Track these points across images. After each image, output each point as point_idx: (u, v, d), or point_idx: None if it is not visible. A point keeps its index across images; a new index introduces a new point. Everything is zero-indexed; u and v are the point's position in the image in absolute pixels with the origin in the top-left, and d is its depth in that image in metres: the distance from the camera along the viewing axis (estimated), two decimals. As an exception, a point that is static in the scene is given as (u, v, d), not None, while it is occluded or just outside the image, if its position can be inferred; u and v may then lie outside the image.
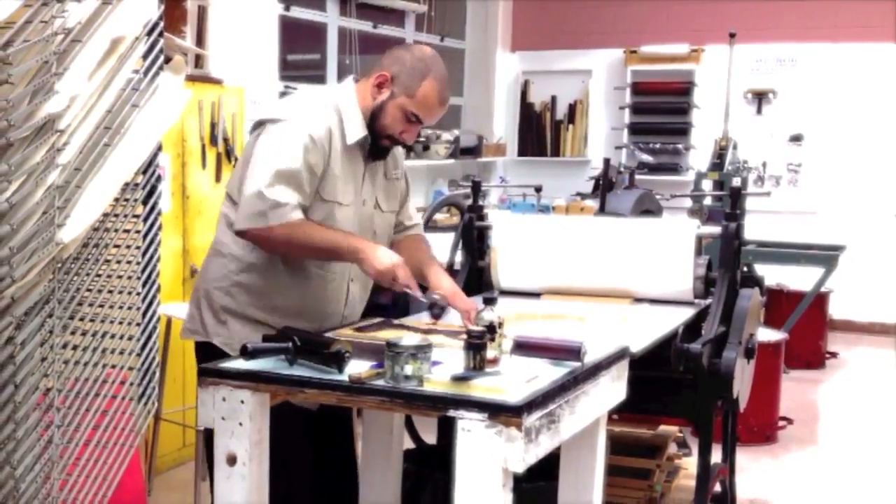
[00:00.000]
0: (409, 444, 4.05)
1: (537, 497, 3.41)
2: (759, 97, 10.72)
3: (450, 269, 4.34)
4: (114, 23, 2.74)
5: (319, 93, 3.63)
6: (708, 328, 3.92)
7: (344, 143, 3.42)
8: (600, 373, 3.00)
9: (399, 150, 3.71)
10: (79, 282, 2.80)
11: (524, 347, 2.93)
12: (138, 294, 3.01)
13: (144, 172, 3.01)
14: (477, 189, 4.64)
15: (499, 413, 2.52)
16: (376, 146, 3.49)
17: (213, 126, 6.00)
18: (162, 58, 3.00)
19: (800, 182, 10.68)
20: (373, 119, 3.44)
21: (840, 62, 10.35)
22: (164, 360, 5.23)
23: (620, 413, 3.81)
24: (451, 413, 2.57)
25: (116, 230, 2.94)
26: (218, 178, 6.04)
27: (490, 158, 10.99)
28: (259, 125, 3.44)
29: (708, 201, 8.04)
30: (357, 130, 3.43)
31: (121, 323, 2.97)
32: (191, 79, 5.70)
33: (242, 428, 2.83)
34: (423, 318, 3.53)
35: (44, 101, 2.51)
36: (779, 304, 8.72)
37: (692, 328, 3.94)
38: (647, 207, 6.15)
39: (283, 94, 8.12)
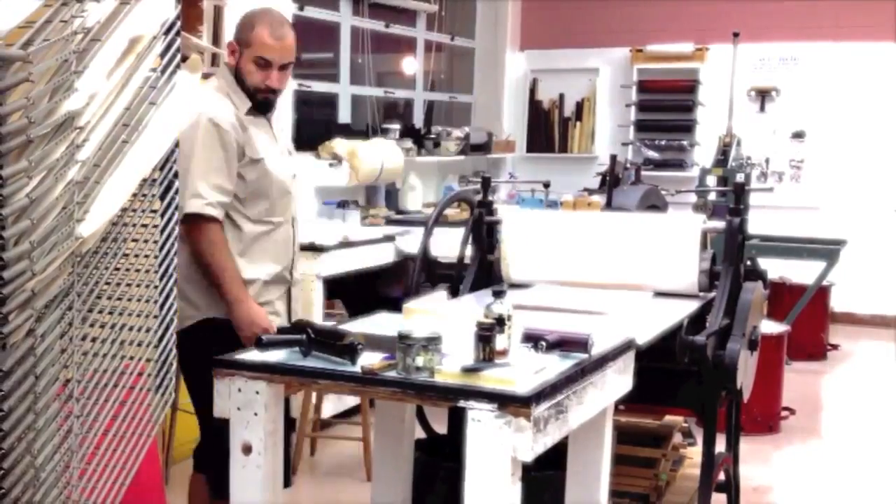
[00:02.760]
0: (419, 433, 4.05)
1: (545, 486, 3.40)
2: (763, 95, 10.69)
3: (460, 263, 4.36)
4: (132, 22, 2.73)
5: (212, 80, 3.91)
6: (712, 321, 3.91)
7: (244, 113, 3.78)
8: (607, 364, 2.99)
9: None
10: (97, 275, 2.80)
11: (533, 339, 2.92)
12: (155, 287, 3.01)
13: (162, 168, 3.01)
14: (486, 185, 4.63)
15: (508, 403, 2.51)
16: (254, 101, 3.80)
17: (228, 123, 5.98)
18: (179, 56, 3.00)
19: (802, 178, 10.66)
20: (240, 83, 3.79)
21: (841, 61, 10.32)
22: (182, 352, 5.23)
23: (627, 403, 3.80)
24: (462, 404, 2.56)
25: (134, 225, 2.94)
26: (234, 174, 6.03)
27: (499, 155, 10.98)
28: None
29: (712, 197, 8.02)
30: (246, 102, 3.79)
31: (138, 315, 2.97)
32: (207, 77, 5.68)
33: (257, 418, 2.83)
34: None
35: (63, 99, 2.51)
36: (781, 297, 8.70)
37: (697, 321, 3.94)
38: (653, 203, 6.12)
39: (297, 92, 8.12)
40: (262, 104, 3.83)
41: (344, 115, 8.91)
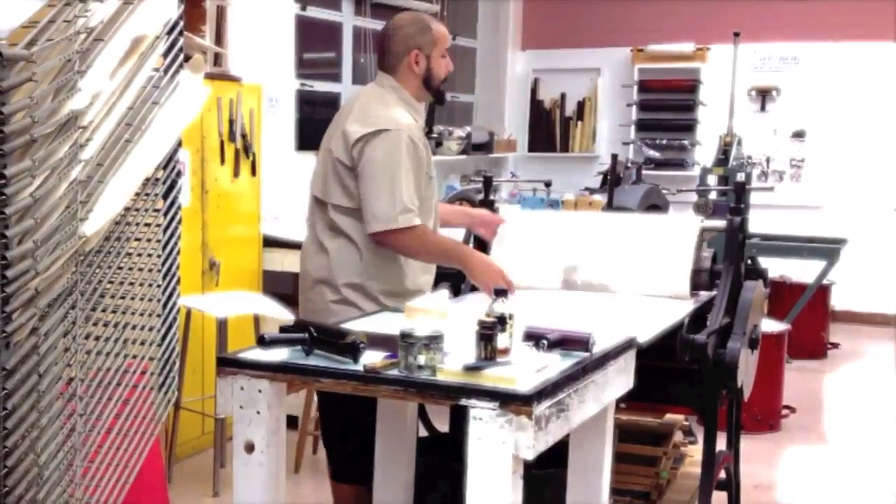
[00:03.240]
0: (421, 431, 4.05)
1: (547, 483, 3.40)
2: (763, 94, 10.69)
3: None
4: (135, 22, 2.73)
5: (388, 96, 3.88)
6: (713, 319, 3.91)
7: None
8: (608, 363, 2.99)
9: None
10: (101, 274, 2.80)
11: (534, 337, 2.92)
12: (159, 286, 3.01)
13: (165, 168, 3.01)
14: (488, 184, 4.63)
15: (509, 402, 2.51)
16: (440, 95, 3.98)
17: (231, 122, 5.99)
18: (182, 56, 3.00)
19: (802, 177, 10.65)
20: (428, 84, 3.89)
21: (841, 61, 10.31)
22: (184, 351, 5.24)
23: (628, 402, 3.80)
24: (464, 402, 2.56)
25: (137, 224, 2.94)
26: (236, 174, 6.04)
27: (501, 154, 10.98)
28: (372, 134, 3.70)
29: (713, 196, 8.02)
30: (422, 115, 3.96)
31: (142, 314, 2.97)
32: (210, 77, 5.69)
33: (260, 416, 2.82)
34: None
35: (67, 99, 2.51)
36: (782, 295, 8.69)
37: (697, 319, 3.93)
38: (654, 202, 6.13)
39: (299, 92, 8.12)
40: (442, 96, 4.01)
41: (346, 115, 8.90)
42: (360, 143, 3.70)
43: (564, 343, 2.90)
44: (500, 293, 2.95)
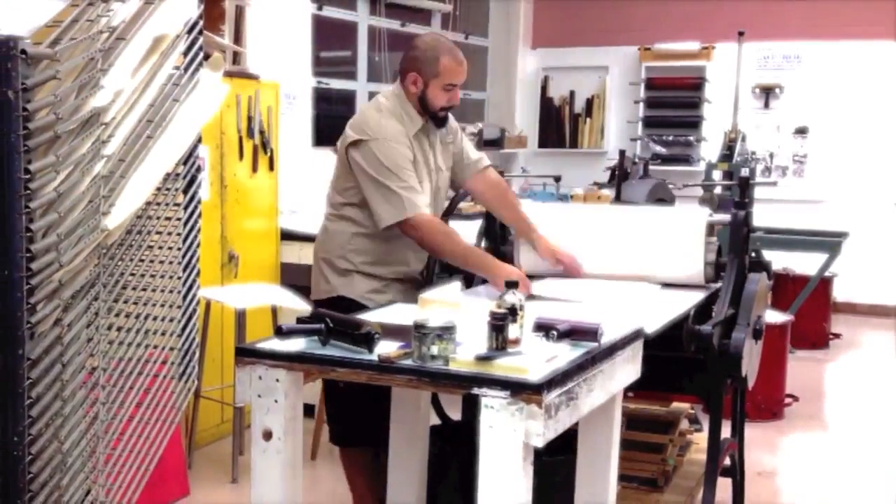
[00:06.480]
0: (433, 419, 4.04)
1: (556, 470, 3.39)
2: (767, 92, 10.65)
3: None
4: (156, 21, 2.73)
5: (384, 103, 4.05)
6: (718, 311, 3.89)
7: (413, 134, 4.00)
8: (616, 353, 2.98)
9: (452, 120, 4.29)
10: (123, 266, 2.80)
11: (545, 328, 2.91)
12: (179, 278, 3.01)
13: (185, 163, 3.01)
14: (499, 179, 4.60)
15: (520, 391, 2.50)
16: (436, 119, 4.09)
17: (249, 119, 5.99)
18: (201, 55, 2.99)
19: (805, 172, 10.62)
20: (424, 106, 4.02)
21: (843, 59, 10.28)
22: (204, 341, 5.24)
23: (635, 391, 3.79)
24: (476, 391, 2.55)
25: (158, 218, 2.94)
26: (254, 169, 6.04)
27: (512, 150, 10.96)
28: (356, 143, 3.91)
29: (718, 191, 7.99)
30: (417, 123, 4.02)
31: (162, 306, 2.97)
32: (229, 74, 5.69)
33: (278, 405, 2.82)
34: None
35: (90, 96, 2.51)
36: (785, 287, 8.67)
37: (703, 310, 3.91)
38: (661, 196, 6.11)
39: (316, 90, 8.12)
40: (441, 120, 4.13)
41: (361, 112, 8.91)
42: (350, 147, 3.92)
43: (574, 333, 2.89)
44: (511, 285, 2.94)
